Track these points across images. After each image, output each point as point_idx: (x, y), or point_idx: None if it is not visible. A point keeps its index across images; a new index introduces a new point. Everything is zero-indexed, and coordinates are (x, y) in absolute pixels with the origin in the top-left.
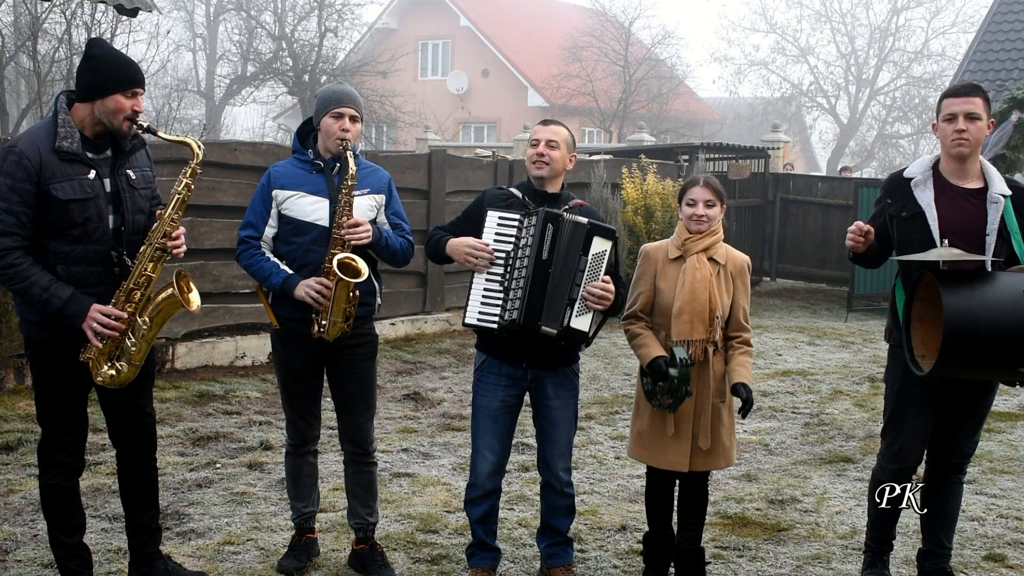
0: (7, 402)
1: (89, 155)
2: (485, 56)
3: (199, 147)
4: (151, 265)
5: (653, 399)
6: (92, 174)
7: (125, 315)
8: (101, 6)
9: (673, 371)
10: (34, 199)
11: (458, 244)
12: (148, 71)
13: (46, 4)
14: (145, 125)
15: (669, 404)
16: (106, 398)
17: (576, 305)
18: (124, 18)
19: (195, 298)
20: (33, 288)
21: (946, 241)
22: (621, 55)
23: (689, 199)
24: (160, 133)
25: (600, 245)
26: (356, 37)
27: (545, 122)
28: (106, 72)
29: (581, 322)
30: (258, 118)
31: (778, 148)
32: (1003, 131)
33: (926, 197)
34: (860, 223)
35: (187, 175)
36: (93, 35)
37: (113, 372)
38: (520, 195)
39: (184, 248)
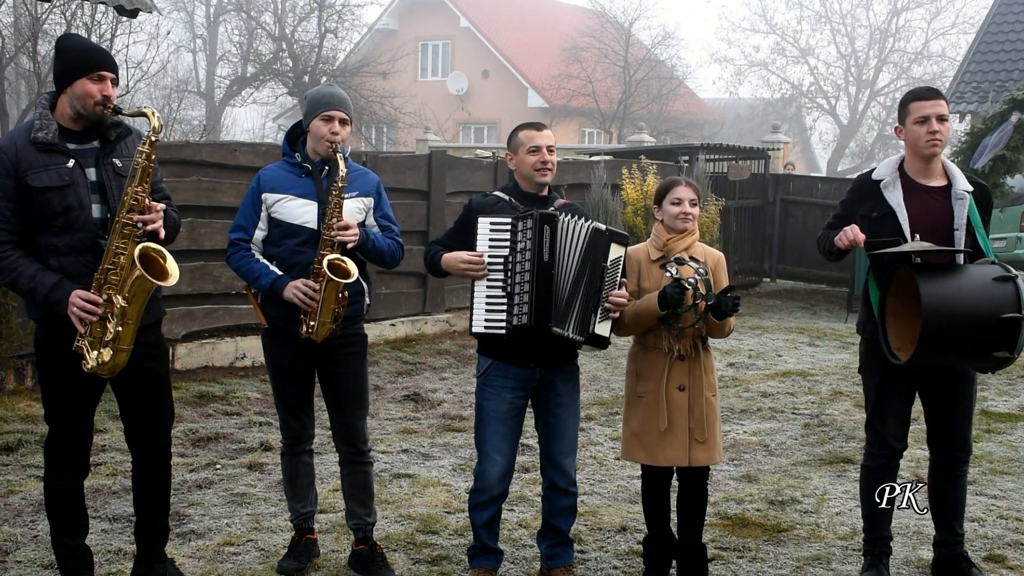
0: (7, 403)
1: (71, 146)
2: (485, 57)
3: (155, 116)
4: (123, 243)
5: (687, 308)
6: (71, 163)
7: (100, 299)
8: (101, 7)
9: (686, 283)
10: (14, 192)
11: (452, 259)
12: (148, 72)
13: (46, 5)
14: (112, 106)
15: (708, 305)
16: (125, 403)
17: (599, 312)
18: (124, 19)
19: (172, 267)
20: (20, 279)
21: (918, 236)
22: (621, 56)
23: (675, 198)
24: (125, 111)
25: (616, 251)
26: (356, 38)
27: (537, 126)
28: (71, 59)
29: (603, 328)
30: (258, 119)
31: (778, 149)
32: (1003, 132)
33: (896, 198)
34: (860, 235)
35: (145, 144)
36: (93, 36)
37: (104, 359)
38: (507, 199)
39: (159, 223)
